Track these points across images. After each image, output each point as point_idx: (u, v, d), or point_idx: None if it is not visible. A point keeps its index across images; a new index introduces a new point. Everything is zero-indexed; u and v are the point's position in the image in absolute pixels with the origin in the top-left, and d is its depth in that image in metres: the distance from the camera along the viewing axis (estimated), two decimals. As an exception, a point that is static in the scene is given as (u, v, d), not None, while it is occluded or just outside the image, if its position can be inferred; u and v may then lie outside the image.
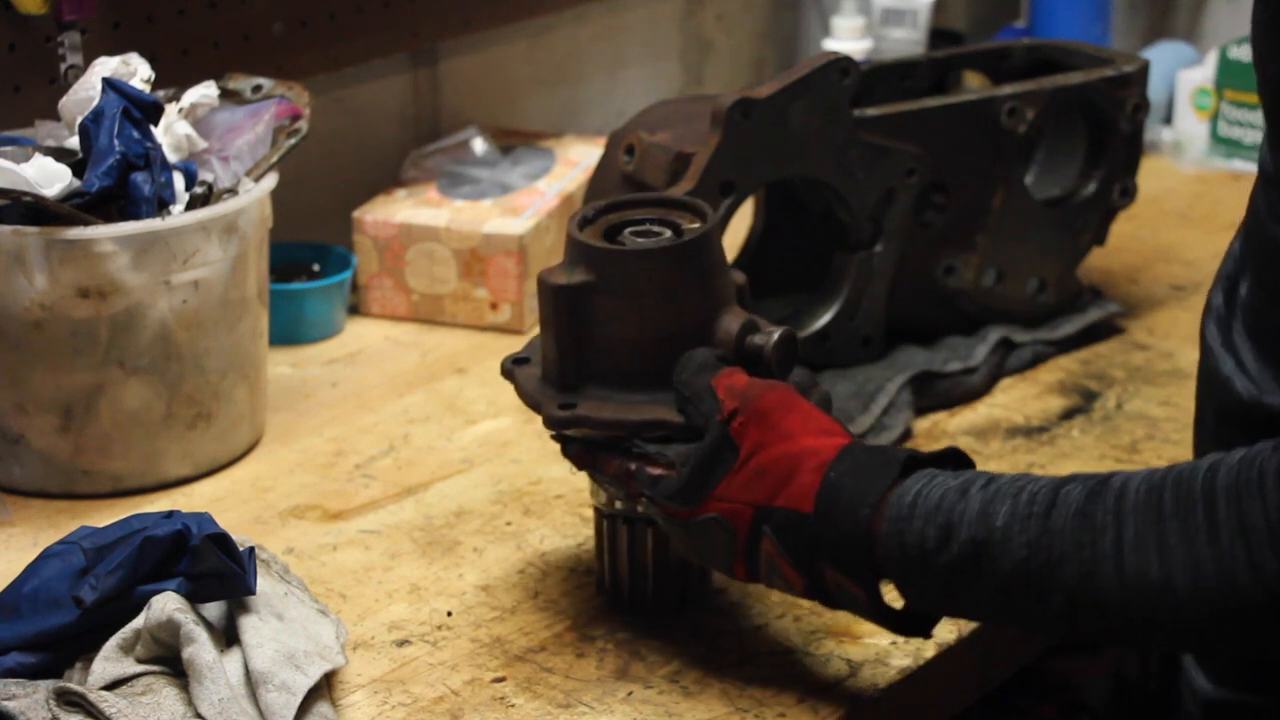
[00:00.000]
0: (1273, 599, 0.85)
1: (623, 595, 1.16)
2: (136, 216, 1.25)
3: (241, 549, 1.06)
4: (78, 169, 1.26)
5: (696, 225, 1.10)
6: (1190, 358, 1.17)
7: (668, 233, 1.10)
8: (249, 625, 1.04)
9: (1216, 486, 0.87)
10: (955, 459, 1.01)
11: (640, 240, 1.10)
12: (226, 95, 1.40)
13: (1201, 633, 0.90)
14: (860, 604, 1.00)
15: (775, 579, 1.02)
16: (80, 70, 1.38)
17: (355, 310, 1.63)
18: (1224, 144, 2.02)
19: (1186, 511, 0.88)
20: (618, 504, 1.14)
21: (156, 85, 1.32)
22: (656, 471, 1.06)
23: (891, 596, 1.00)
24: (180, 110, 1.34)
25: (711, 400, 1.04)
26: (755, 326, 1.09)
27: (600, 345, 1.09)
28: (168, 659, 1.03)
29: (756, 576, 1.03)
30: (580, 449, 1.10)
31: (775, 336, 1.08)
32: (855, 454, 1.00)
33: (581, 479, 1.25)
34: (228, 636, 1.04)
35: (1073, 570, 0.91)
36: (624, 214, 1.12)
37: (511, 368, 1.15)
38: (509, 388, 1.49)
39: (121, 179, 1.24)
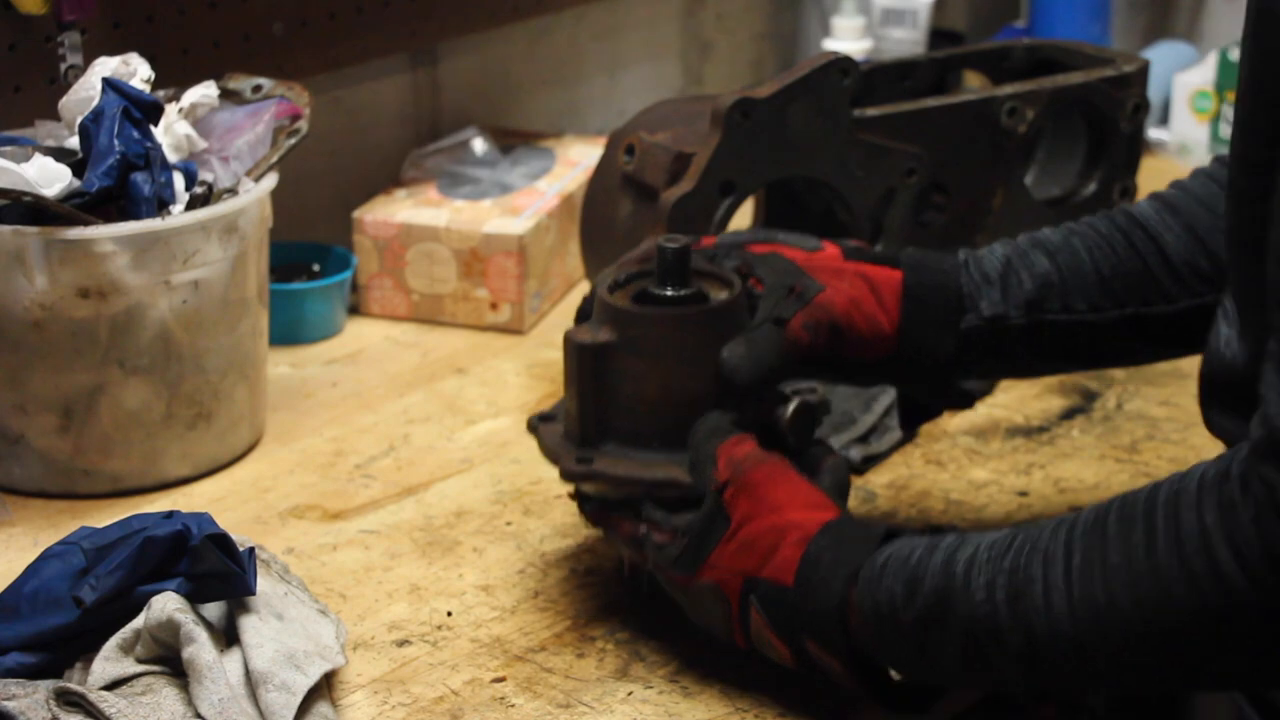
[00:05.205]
0: (1205, 607, 0.84)
1: (642, 585, 1.16)
2: (136, 216, 1.25)
3: (241, 549, 1.06)
4: (78, 169, 1.26)
5: (723, 294, 1.11)
6: (1190, 358, 1.16)
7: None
8: (249, 625, 1.04)
9: (1157, 502, 0.87)
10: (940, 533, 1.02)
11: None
12: (226, 95, 1.40)
13: (1153, 661, 0.88)
14: (840, 677, 1.01)
15: (767, 650, 1.04)
16: (80, 70, 1.38)
17: (355, 310, 1.63)
18: (1226, 145, 2.02)
19: (1128, 530, 0.87)
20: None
21: (156, 85, 1.32)
22: (662, 538, 1.07)
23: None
24: (180, 110, 1.34)
25: (713, 467, 1.06)
26: (774, 395, 1.10)
27: (621, 404, 1.10)
28: (168, 659, 1.03)
29: (754, 646, 1.05)
30: (595, 508, 1.12)
31: (792, 406, 1.09)
32: (839, 528, 1.01)
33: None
34: (228, 636, 1.04)
35: (1027, 605, 0.90)
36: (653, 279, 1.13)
37: (536, 424, 1.16)
38: (509, 388, 1.50)
39: (121, 179, 1.24)
